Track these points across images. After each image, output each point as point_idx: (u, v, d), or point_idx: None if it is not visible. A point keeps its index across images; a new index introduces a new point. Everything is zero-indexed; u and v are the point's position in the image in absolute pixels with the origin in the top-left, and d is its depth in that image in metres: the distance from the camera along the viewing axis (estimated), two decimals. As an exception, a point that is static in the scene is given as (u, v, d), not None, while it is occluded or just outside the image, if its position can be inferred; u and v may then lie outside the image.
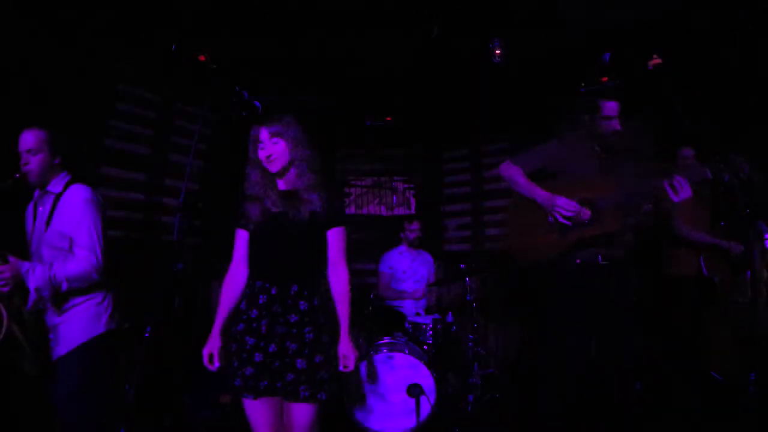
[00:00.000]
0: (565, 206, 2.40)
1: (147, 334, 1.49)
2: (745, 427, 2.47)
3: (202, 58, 3.51)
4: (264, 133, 1.97)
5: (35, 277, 1.98)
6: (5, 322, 1.94)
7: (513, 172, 2.63)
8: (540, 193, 2.51)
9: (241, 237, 2.05)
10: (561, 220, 2.44)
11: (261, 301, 1.93)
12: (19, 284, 1.99)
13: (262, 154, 1.98)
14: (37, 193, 2.22)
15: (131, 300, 2.48)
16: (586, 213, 2.42)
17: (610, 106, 2.50)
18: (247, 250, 2.03)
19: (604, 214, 2.40)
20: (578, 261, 2.49)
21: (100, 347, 2.18)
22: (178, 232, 1.70)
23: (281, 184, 2.04)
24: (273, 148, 1.96)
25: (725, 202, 3.41)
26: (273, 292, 1.93)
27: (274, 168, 1.98)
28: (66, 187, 2.17)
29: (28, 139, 2.11)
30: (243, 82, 1.98)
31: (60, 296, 2.09)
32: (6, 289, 1.96)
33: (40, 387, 2.21)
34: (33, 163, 2.10)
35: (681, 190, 2.21)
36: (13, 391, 2.49)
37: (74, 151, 2.24)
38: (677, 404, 3.29)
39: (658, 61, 1.92)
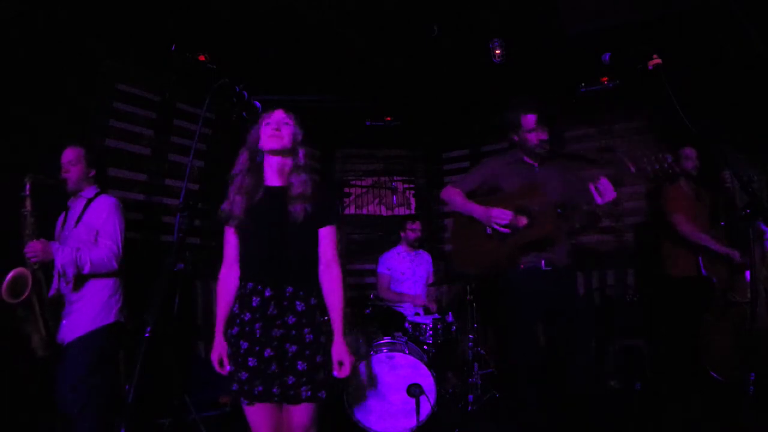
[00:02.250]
0: (500, 216, 2.52)
1: (147, 334, 1.48)
2: (745, 427, 2.47)
3: (202, 58, 3.52)
4: (279, 114, 1.99)
5: (63, 254, 2.29)
6: (29, 285, 2.21)
7: (452, 194, 2.79)
8: (476, 209, 2.64)
9: (232, 236, 2.01)
10: (499, 229, 2.54)
11: (254, 304, 1.88)
12: (45, 265, 2.29)
13: (269, 129, 1.95)
14: (70, 201, 2.54)
15: (131, 300, 2.54)
16: (523, 220, 2.53)
17: (529, 119, 2.64)
18: (238, 249, 2.00)
19: (539, 218, 2.50)
20: (522, 266, 2.59)
21: (108, 336, 2.42)
22: (178, 232, 1.69)
23: (274, 179, 2.00)
24: (283, 127, 1.97)
25: (725, 202, 3.42)
26: (267, 294, 1.88)
27: (276, 144, 1.94)
28: (97, 195, 2.54)
29: (70, 153, 2.50)
30: (243, 82, 1.97)
31: (80, 281, 2.39)
32: (35, 260, 2.25)
33: (42, 385, 2.30)
34: (72, 173, 2.48)
35: (605, 192, 2.30)
36: (19, 378, 2.64)
37: (105, 169, 2.70)
38: (677, 404, 3.30)
39: (658, 61, 1.91)
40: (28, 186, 2.29)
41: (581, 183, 2.43)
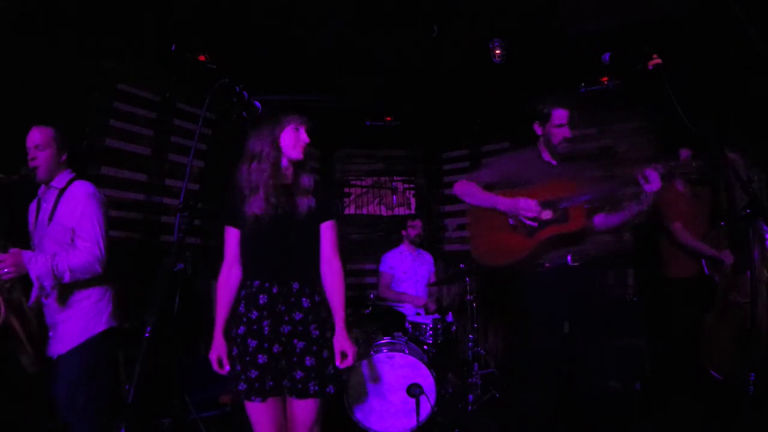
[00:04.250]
0: (527, 207, 2.43)
1: (147, 334, 1.48)
2: (745, 427, 2.47)
3: (202, 58, 3.52)
4: (305, 123, 2.03)
5: (37, 265, 1.99)
6: (2, 313, 1.96)
7: (468, 187, 2.66)
8: (500, 201, 2.53)
9: (233, 235, 2.01)
10: (527, 222, 2.46)
11: (261, 302, 1.90)
12: (21, 279, 2.00)
13: (298, 138, 1.99)
14: (41, 190, 2.25)
15: (131, 300, 2.50)
16: (547, 213, 2.45)
17: (560, 114, 2.54)
18: (239, 248, 2.00)
19: (570, 213, 2.44)
20: (547, 265, 2.51)
21: (101, 344, 2.21)
22: (178, 232, 1.69)
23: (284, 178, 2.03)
24: (306, 136, 2.02)
25: (725, 203, 3.42)
26: (275, 291, 1.91)
27: (302, 155, 2.01)
28: (69, 183, 2.20)
29: (36, 135, 2.15)
30: (243, 82, 1.97)
31: (62, 289, 2.11)
32: (7, 277, 1.96)
33: (41, 384, 2.23)
34: (40, 159, 2.14)
35: (652, 181, 2.25)
36: (13, 386, 2.51)
37: (78, 150, 2.31)
38: (677, 404, 3.30)
39: (658, 61, 1.91)
40: None
41: (606, 178, 2.38)
